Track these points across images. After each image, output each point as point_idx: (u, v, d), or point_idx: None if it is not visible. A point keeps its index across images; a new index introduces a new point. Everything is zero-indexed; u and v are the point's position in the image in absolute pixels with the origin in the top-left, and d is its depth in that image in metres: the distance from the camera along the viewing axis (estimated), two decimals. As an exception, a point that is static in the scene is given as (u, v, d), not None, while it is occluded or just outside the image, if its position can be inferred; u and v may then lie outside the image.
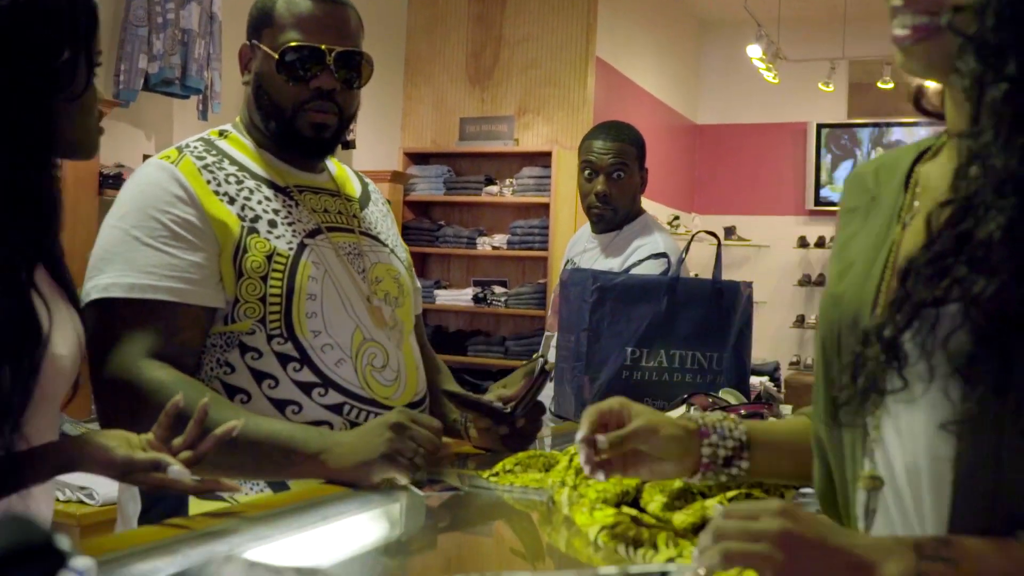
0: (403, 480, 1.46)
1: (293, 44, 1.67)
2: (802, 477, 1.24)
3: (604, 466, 1.22)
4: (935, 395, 0.91)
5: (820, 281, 9.44)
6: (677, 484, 1.35)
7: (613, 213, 3.00)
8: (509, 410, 1.72)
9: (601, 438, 1.19)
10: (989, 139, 0.87)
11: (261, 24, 1.72)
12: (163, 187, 1.61)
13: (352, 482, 1.47)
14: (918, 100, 1.23)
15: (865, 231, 1.15)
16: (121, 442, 1.27)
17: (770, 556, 0.84)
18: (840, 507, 1.05)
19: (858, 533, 0.94)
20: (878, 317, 0.97)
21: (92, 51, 1.35)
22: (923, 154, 1.16)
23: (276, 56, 1.68)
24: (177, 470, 1.24)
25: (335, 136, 1.75)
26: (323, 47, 1.68)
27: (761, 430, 1.28)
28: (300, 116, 1.70)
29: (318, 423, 1.60)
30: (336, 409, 1.62)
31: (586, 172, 3.00)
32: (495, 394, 1.78)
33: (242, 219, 1.63)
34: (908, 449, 0.94)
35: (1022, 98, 0.86)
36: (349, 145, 6.08)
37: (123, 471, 1.26)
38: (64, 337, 1.35)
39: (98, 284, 1.55)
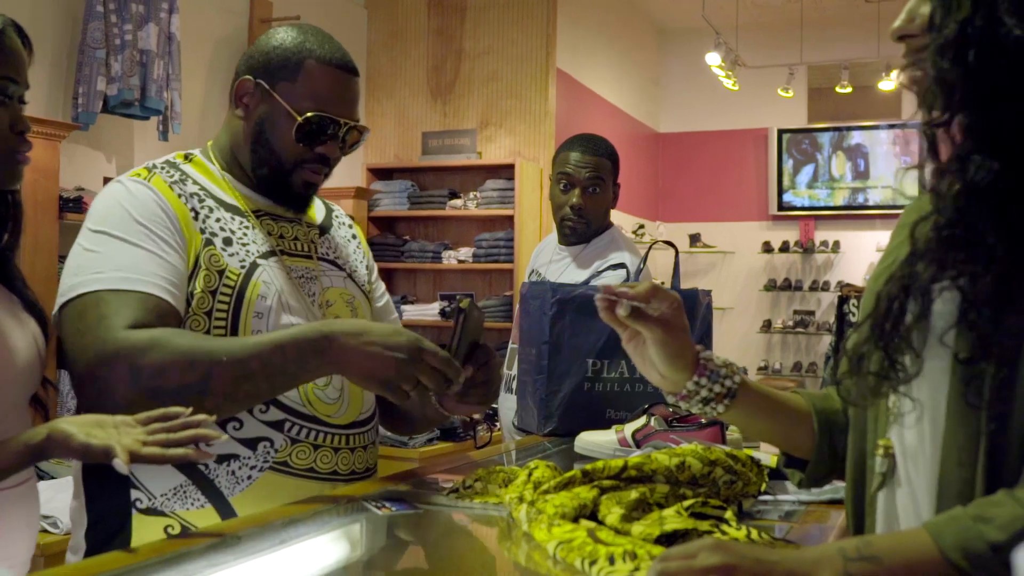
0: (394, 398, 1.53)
1: (314, 114, 1.71)
2: (768, 439, 1.41)
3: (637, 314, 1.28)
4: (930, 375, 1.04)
5: (785, 286, 9.51)
6: (633, 495, 1.37)
7: (586, 227, 3.01)
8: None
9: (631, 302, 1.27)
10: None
11: (280, 74, 1.74)
12: (142, 198, 1.64)
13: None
14: None
15: None
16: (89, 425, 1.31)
17: None
18: (855, 473, 1.17)
19: (785, 550, 1.03)
20: (883, 309, 1.07)
21: None
22: None
23: (299, 119, 1.70)
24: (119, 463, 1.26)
25: (317, 189, 1.83)
26: (341, 121, 1.73)
27: (755, 391, 1.34)
28: (296, 173, 1.75)
29: (259, 439, 1.62)
30: (277, 426, 1.64)
31: (562, 184, 3.00)
32: None
33: (202, 232, 1.66)
34: (914, 423, 1.06)
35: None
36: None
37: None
38: (20, 335, 1.36)
39: (84, 281, 1.55)
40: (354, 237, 1.99)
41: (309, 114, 1.70)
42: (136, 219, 1.61)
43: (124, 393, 1.46)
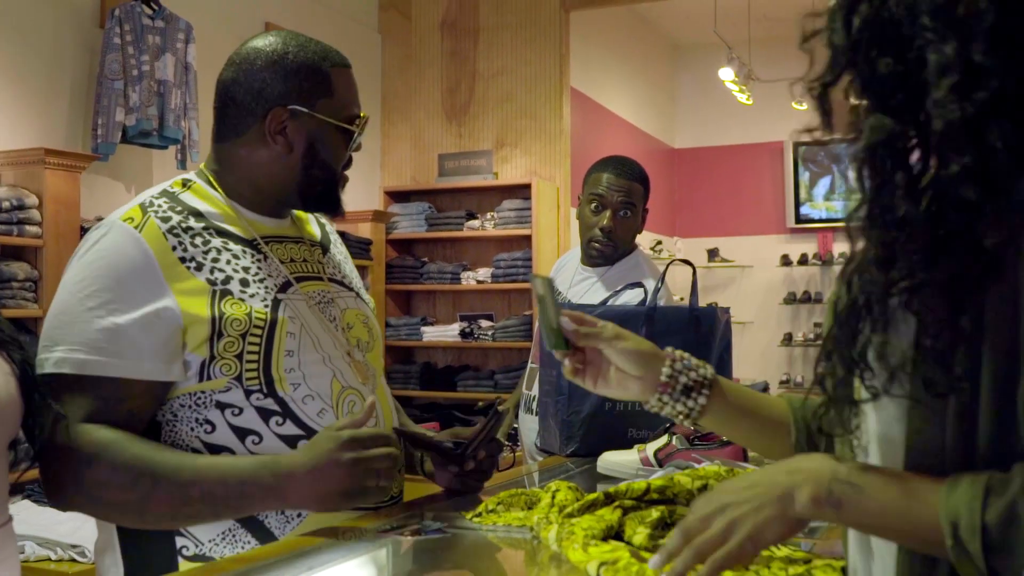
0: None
1: (359, 119, 1.75)
2: (750, 444, 1.41)
3: (579, 372, 1.39)
4: (887, 398, 0.96)
5: (805, 299, 9.48)
6: (655, 515, 1.37)
7: (613, 250, 3.00)
8: (458, 451, 1.74)
9: (570, 323, 1.38)
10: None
11: (316, 93, 1.70)
12: (126, 255, 1.57)
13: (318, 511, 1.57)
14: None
15: None
16: None
17: None
18: None
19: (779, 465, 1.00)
20: (833, 330, 1.00)
21: None
22: None
23: (353, 128, 1.74)
24: None
25: None
26: (363, 115, 1.77)
27: (730, 385, 1.34)
28: (341, 179, 1.78)
29: None
30: None
31: (593, 205, 2.99)
32: (451, 432, 1.81)
33: (212, 284, 1.60)
34: (876, 442, 1.00)
35: None
36: (329, 187, 6.10)
37: None
38: None
39: (51, 358, 1.53)
40: (348, 255, 1.98)
41: (360, 117, 1.75)
42: (110, 284, 1.56)
43: (67, 492, 1.52)
